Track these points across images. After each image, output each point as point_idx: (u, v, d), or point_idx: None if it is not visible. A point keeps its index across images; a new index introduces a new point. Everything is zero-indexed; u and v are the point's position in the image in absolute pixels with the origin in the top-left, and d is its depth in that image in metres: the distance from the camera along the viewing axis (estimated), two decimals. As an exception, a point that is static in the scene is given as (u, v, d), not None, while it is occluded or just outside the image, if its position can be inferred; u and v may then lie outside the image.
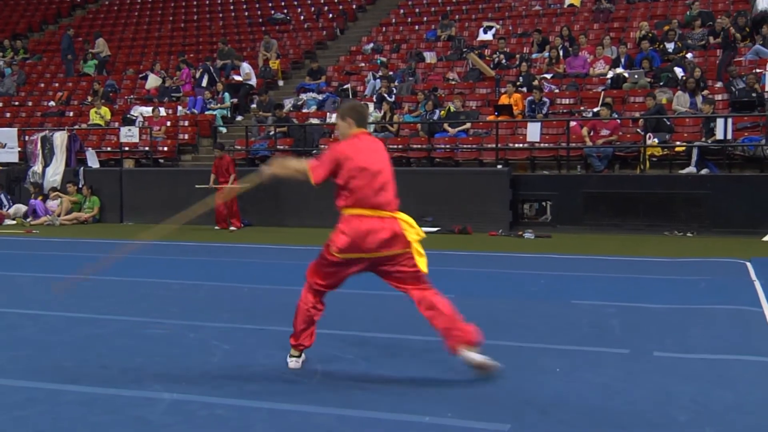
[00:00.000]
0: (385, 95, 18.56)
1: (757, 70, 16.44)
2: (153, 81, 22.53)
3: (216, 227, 15.76)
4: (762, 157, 14.55)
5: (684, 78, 16.53)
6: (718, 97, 16.20)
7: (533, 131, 15.98)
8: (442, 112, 17.53)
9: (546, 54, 19.26)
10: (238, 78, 21.38)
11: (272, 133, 18.55)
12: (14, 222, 17.76)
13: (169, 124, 20.07)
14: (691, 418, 4.28)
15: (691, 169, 14.79)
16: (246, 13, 27.36)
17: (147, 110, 20.46)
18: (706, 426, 4.15)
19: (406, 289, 5.15)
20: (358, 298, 7.47)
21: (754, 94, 15.44)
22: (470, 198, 15.00)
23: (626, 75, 17.54)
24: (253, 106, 20.42)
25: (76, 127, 20.30)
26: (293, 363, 5.33)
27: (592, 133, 15.68)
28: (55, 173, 18.69)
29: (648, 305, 7.54)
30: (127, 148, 19.26)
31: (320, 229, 15.53)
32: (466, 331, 5.01)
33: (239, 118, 20.72)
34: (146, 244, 10.12)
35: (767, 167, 14.60)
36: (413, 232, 5.08)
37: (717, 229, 13.76)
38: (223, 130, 20.07)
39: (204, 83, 21.37)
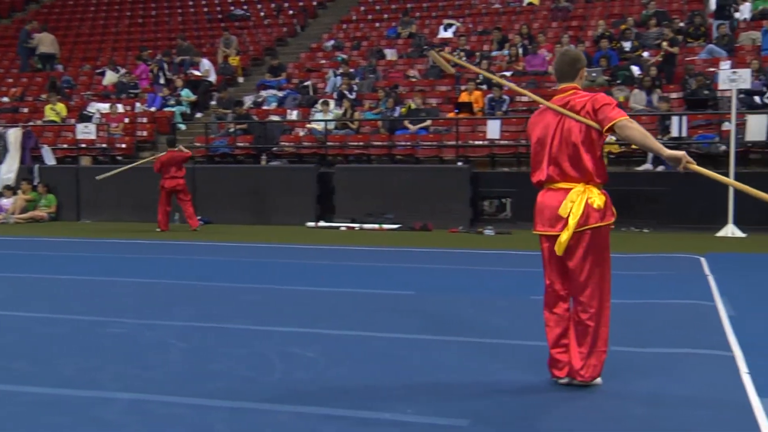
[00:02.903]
0: (346, 92, 18.54)
1: (710, 69, 16.75)
2: (110, 77, 22.22)
3: (158, 229, 14.90)
4: (716, 154, 14.83)
5: (641, 76, 16.79)
6: (674, 95, 16.47)
7: (493, 129, 16.10)
8: (403, 109, 17.56)
9: (506, 52, 19.40)
10: (197, 74, 21.18)
11: (232, 130, 18.44)
12: (-33, 220, 17.40)
13: (127, 120, 19.81)
14: (647, 412, 4.35)
15: (647, 166, 15.08)
16: (205, 9, 27.11)
17: (104, 107, 20.17)
18: (663, 420, 4.22)
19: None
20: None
21: (706, 92, 15.72)
22: (431, 195, 15.06)
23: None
24: (213, 103, 20.25)
25: (31, 123, 19.94)
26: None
27: (550, 131, 15.80)
28: (9, 171, 18.36)
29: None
30: (84, 145, 18.99)
31: (281, 226, 15.55)
32: None
33: (198, 115, 20.52)
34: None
35: (721, 164, 14.83)
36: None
37: (673, 225, 14.01)
38: (183, 126, 19.86)
39: (162, 80, 21.13)
